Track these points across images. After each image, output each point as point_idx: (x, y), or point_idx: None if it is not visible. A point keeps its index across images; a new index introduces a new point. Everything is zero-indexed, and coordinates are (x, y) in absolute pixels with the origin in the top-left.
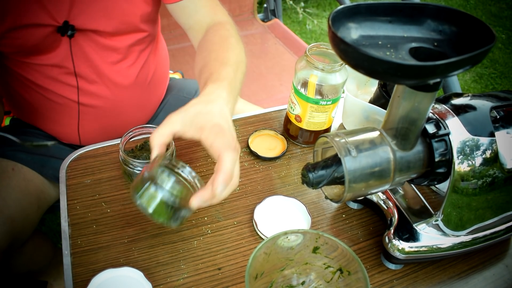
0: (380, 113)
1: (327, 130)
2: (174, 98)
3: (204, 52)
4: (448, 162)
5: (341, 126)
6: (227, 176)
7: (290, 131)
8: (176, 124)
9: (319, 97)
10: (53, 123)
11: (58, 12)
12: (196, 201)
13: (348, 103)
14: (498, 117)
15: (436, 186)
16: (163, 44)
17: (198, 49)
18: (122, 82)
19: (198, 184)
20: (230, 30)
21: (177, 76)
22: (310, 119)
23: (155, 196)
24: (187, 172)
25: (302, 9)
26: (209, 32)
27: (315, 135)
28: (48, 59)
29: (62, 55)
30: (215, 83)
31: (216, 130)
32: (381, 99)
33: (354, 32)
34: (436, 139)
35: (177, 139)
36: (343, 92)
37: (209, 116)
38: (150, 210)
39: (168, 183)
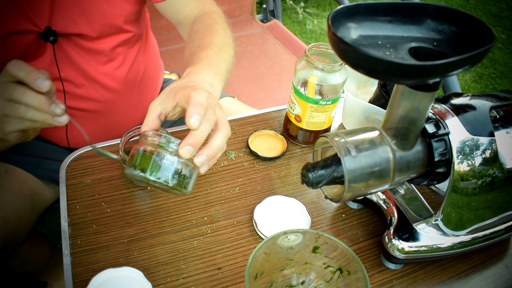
0: (380, 113)
1: (327, 130)
2: None
3: (190, 43)
4: (447, 161)
5: (341, 126)
6: (197, 108)
7: (290, 131)
8: (156, 107)
9: (319, 97)
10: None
11: (39, 18)
12: (184, 148)
13: (348, 103)
14: (497, 117)
15: (436, 186)
16: (153, 42)
17: (186, 42)
18: (111, 84)
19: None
20: (216, 19)
21: (173, 77)
22: (310, 119)
23: (167, 164)
24: (174, 139)
25: (302, 9)
26: (195, 23)
27: (315, 135)
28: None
29: (47, 61)
30: (192, 65)
31: (187, 85)
32: (381, 99)
33: (353, 32)
34: (435, 139)
35: None
36: (343, 92)
37: (181, 84)
38: (168, 179)
39: (173, 145)
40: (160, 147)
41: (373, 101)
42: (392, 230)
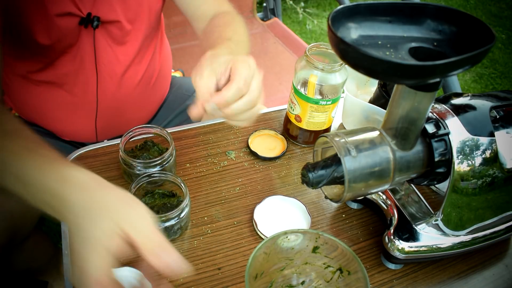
0: (380, 113)
1: (327, 130)
2: (174, 95)
3: (208, 34)
4: (447, 162)
5: (341, 126)
6: (239, 84)
7: (290, 131)
8: (209, 85)
9: (319, 97)
10: (65, 120)
11: (83, 4)
12: (207, 104)
13: (348, 103)
14: (497, 117)
15: (436, 186)
16: (166, 43)
17: (203, 35)
18: (129, 81)
19: (182, 184)
20: (235, 17)
21: (178, 74)
22: (310, 119)
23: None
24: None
25: (302, 9)
26: (214, 19)
27: (315, 135)
28: (68, 52)
29: (82, 48)
30: (216, 46)
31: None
32: (381, 99)
33: (353, 32)
34: (435, 139)
35: (176, 140)
36: (343, 92)
37: (223, 58)
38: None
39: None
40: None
41: (373, 101)
42: (392, 230)
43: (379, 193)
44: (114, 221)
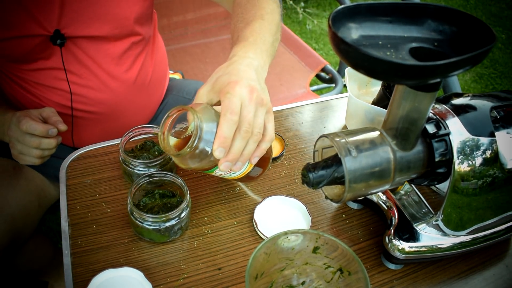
0: (384, 114)
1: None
2: (173, 99)
3: (234, 18)
4: (448, 162)
5: (345, 128)
6: (229, 119)
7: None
8: (203, 97)
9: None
10: None
11: (49, 22)
12: (223, 164)
13: (351, 105)
14: (498, 117)
15: (436, 186)
16: (160, 44)
17: (231, 16)
18: (120, 88)
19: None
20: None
21: (177, 76)
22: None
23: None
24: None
25: (302, 9)
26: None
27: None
28: (40, 67)
29: (56, 63)
30: (238, 44)
31: (230, 80)
32: (384, 100)
33: (354, 32)
34: (436, 139)
35: None
36: None
37: (226, 77)
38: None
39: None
40: None
41: (376, 102)
42: (392, 230)
43: (380, 193)
44: None
